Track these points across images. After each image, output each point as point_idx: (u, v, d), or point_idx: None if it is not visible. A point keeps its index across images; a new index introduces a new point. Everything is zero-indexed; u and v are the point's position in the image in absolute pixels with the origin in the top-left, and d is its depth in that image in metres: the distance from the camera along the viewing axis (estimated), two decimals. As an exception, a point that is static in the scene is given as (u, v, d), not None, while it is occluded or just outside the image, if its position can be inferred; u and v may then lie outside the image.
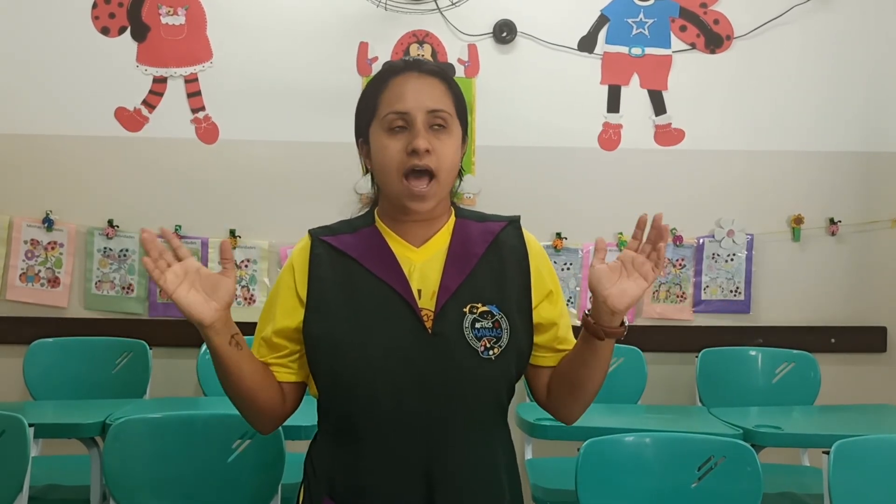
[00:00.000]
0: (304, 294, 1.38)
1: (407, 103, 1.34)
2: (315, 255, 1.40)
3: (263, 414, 1.41)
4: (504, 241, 1.41)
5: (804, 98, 3.29)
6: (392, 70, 1.39)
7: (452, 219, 1.44)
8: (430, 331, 1.32)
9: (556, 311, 1.43)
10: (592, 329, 1.33)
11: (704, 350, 3.12)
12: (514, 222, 1.45)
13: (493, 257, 1.39)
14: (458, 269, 1.36)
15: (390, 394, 1.30)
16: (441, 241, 1.40)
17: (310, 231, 1.44)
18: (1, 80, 3.18)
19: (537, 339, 1.41)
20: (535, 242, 1.46)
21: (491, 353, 1.32)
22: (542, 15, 3.24)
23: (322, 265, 1.38)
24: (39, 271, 3.20)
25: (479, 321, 1.33)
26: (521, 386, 1.46)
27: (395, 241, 1.40)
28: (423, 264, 1.37)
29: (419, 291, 1.35)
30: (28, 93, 3.18)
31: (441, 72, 1.40)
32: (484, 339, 1.32)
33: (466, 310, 1.33)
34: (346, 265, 1.38)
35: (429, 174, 1.33)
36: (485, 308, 1.34)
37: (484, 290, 1.36)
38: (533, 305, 1.40)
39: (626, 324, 1.34)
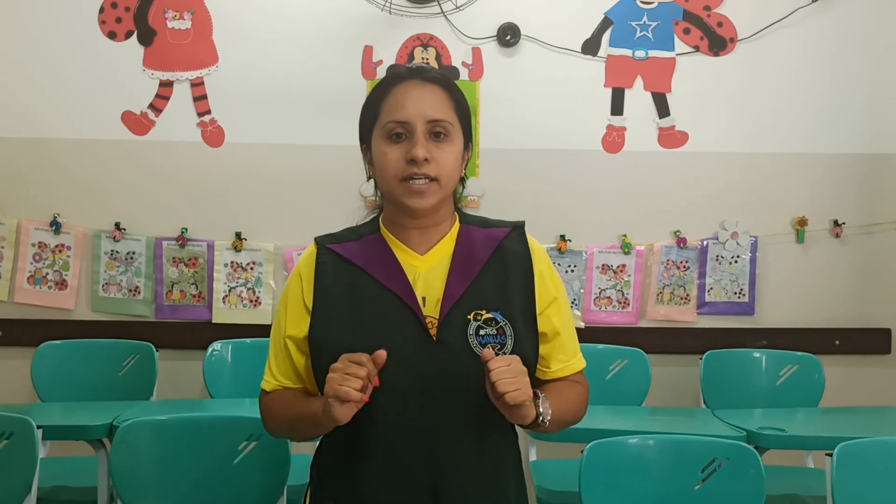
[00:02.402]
0: (310, 303, 1.39)
1: (407, 112, 1.35)
2: (321, 263, 1.41)
3: None
4: (508, 248, 1.42)
5: (807, 100, 3.29)
6: (395, 77, 1.40)
7: (457, 225, 1.44)
8: (434, 338, 1.33)
9: (560, 319, 1.43)
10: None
11: (708, 352, 3.12)
12: (518, 228, 1.45)
13: (497, 264, 1.39)
14: (463, 277, 1.37)
15: (395, 400, 1.31)
16: (445, 248, 1.41)
17: (316, 239, 1.45)
18: (9, 85, 3.20)
19: (541, 348, 1.41)
20: (540, 248, 1.45)
21: None
22: (546, 18, 3.25)
23: (327, 273, 1.39)
24: (47, 274, 3.22)
25: (483, 328, 1.33)
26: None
27: (399, 249, 1.40)
28: (427, 272, 1.38)
29: (423, 299, 1.36)
30: (36, 97, 3.20)
31: (443, 79, 1.40)
32: (488, 345, 1.32)
33: (471, 317, 1.34)
34: (351, 273, 1.39)
35: (428, 179, 1.34)
36: (489, 315, 1.34)
37: (488, 297, 1.36)
38: (538, 312, 1.40)
39: (542, 417, 1.29)
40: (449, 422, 1.32)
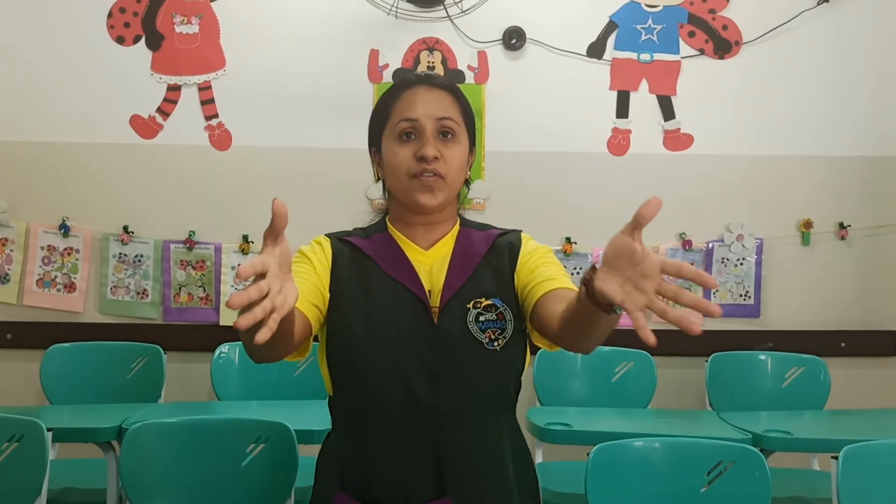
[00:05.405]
0: (327, 278, 1.43)
1: (417, 111, 1.43)
2: (337, 249, 1.46)
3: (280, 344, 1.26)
4: (503, 243, 1.49)
5: (813, 102, 3.30)
6: (404, 83, 1.49)
7: (457, 227, 1.51)
8: (436, 325, 1.38)
9: (532, 264, 1.42)
10: (588, 286, 1.16)
11: (714, 354, 3.12)
12: (515, 232, 1.53)
13: (493, 258, 1.47)
14: (462, 270, 1.44)
15: (399, 385, 1.36)
16: (447, 245, 1.48)
17: (326, 235, 1.51)
18: (18, 89, 3.22)
19: (528, 277, 1.41)
20: (532, 241, 1.51)
21: (496, 343, 1.38)
22: (551, 21, 3.26)
23: (343, 261, 1.45)
24: (56, 277, 3.24)
25: (483, 314, 1.39)
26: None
27: (406, 245, 1.48)
28: (431, 265, 1.45)
29: (430, 291, 1.42)
30: (44, 101, 3.22)
31: (450, 85, 1.50)
32: (489, 330, 1.38)
33: (470, 305, 1.40)
34: (363, 264, 1.45)
35: (437, 176, 1.41)
36: (489, 301, 1.41)
37: (486, 286, 1.43)
38: (517, 270, 1.43)
39: (618, 311, 1.16)
40: (452, 404, 1.36)
